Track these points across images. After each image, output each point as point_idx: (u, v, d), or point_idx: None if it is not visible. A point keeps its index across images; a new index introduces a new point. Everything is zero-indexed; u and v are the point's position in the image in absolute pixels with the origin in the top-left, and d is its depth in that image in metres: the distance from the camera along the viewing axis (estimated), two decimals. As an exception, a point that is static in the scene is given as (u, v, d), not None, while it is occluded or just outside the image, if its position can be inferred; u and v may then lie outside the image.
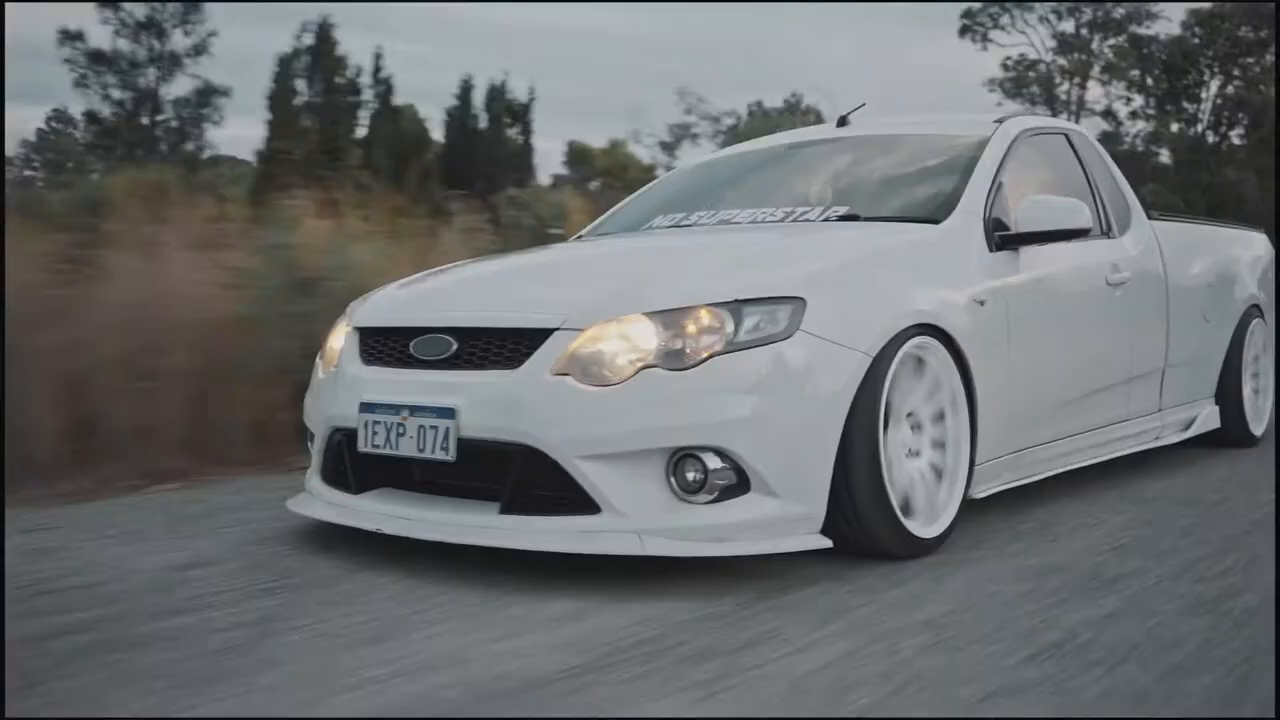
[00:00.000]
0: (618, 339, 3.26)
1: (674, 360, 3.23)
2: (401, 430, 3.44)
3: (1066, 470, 4.52)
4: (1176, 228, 5.42)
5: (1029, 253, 4.25)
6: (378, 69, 35.30)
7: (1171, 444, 5.27)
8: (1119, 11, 40.44)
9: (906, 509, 3.57)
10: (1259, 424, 5.83)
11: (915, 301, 3.63)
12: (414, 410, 3.42)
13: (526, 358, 3.31)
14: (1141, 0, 40.07)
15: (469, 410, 3.32)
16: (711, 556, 3.23)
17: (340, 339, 3.86)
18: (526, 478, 3.27)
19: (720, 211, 4.51)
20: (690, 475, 3.22)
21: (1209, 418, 5.48)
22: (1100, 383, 4.63)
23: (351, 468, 3.64)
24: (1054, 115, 35.88)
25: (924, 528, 3.62)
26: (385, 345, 3.66)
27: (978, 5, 41.27)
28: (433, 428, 3.37)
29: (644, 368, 3.22)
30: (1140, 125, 41.23)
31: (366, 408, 3.54)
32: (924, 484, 3.67)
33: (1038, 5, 40.82)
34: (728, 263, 3.67)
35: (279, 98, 33.12)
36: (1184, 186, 36.64)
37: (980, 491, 3.99)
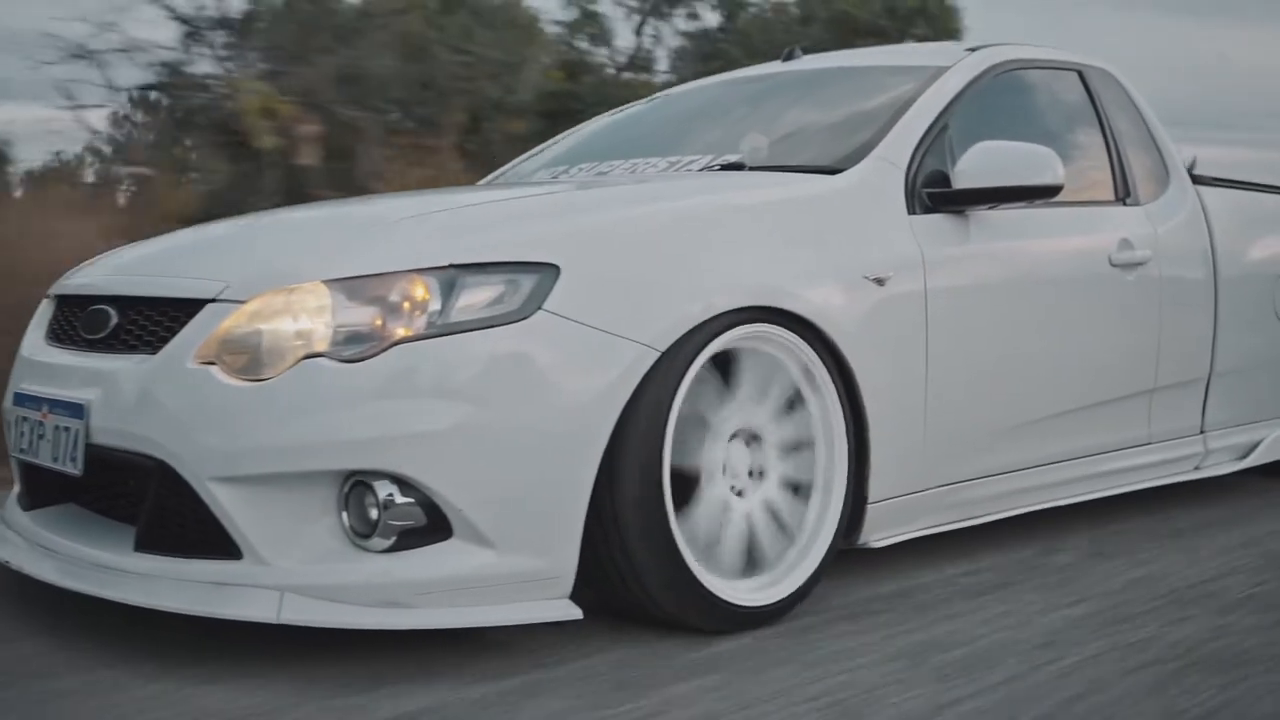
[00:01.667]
0: (284, 315, 2.35)
1: (353, 347, 2.30)
2: (41, 431, 2.61)
3: (1050, 507, 3.42)
4: (1238, 197, 4.16)
5: (983, 219, 3.16)
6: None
7: (1222, 475, 4.06)
8: None
9: (725, 564, 2.57)
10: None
11: (748, 275, 2.61)
12: (53, 406, 2.58)
13: (171, 338, 2.43)
14: None
15: (100, 408, 2.47)
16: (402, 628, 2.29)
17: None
18: (166, 503, 2.39)
19: (605, 163, 3.54)
20: (374, 511, 2.29)
21: (1279, 443, 4.22)
22: (1099, 394, 3.48)
23: (23, 477, 2.83)
24: None
25: (752, 592, 2.61)
26: (67, 318, 2.83)
27: None
28: (65, 429, 2.53)
29: (308, 356, 2.30)
30: None
31: (19, 399, 2.73)
32: (763, 530, 2.65)
33: None
34: (479, 219, 2.69)
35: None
36: None
37: (880, 539, 2.94)
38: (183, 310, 2.44)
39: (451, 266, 2.35)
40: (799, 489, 2.71)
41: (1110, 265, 3.49)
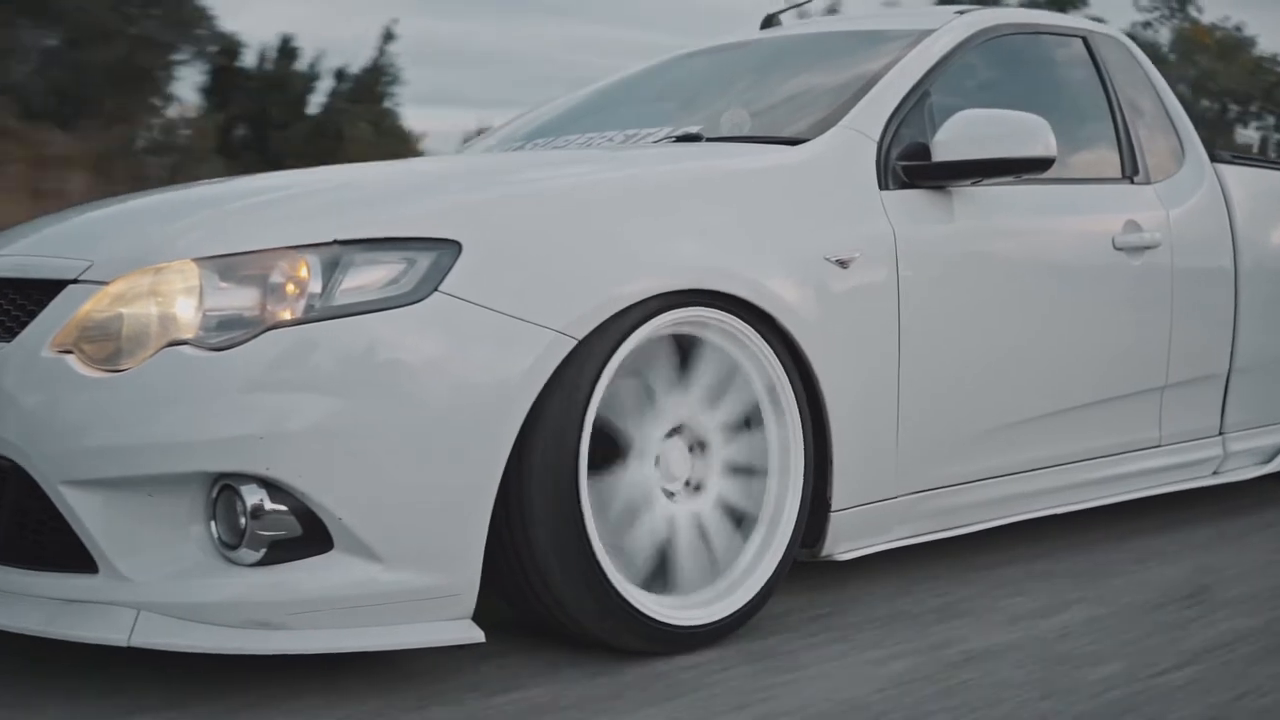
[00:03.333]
0: (148, 298, 2.09)
1: (225, 333, 2.03)
2: (-99, 427, 2.35)
3: (1045, 516, 3.10)
4: (1262, 176, 3.81)
5: (968, 196, 2.86)
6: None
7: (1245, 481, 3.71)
8: None
9: (658, 578, 2.29)
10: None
11: (682, 254, 2.32)
12: None
13: (29, 323, 2.17)
14: None
15: None
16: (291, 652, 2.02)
17: None
18: (24, 509, 2.13)
19: (561, 138, 3.26)
20: (243, 520, 2.02)
21: (1306, 446, 3.86)
22: (1100, 392, 3.15)
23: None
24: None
25: (691, 609, 2.32)
26: None
27: None
28: (-78, 426, 2.28)
29: (171, 344, 2.04)
30: None
31: None
32: (704, 540, 2.36)
33: None
34: (372, 191, 2.41)
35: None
36: None
37: (846, 551, 2.64)
38: (45, 293, 2.18)
39: (336, 243, 2.07)
40: (749, 481, 2.42)
41: (1114, 249, 3.16)
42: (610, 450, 2.23)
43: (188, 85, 16.84)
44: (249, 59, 17.27)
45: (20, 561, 2.13)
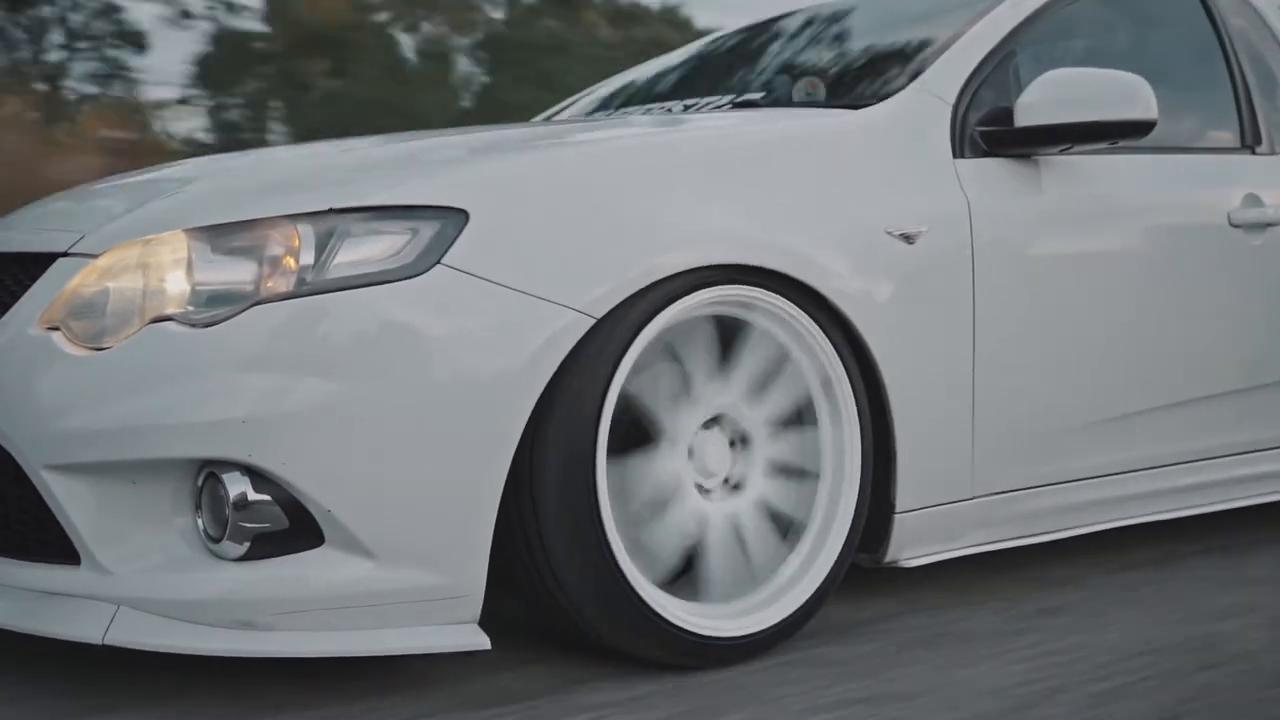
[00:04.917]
0: (136, 270, 1.95)
1: (213, 309, 1.88)
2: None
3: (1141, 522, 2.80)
4: None
5: (1058, 166, 2.58)
6: None
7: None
8: None
9: (686, 582, 2.07)
10: None
11: (719, 225, 2.10)
12: None
13: (19, 299, 2.05)
14: None
15: None
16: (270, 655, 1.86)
17: None
18: (8, 496, 2.00)
19: (619, 111, 3.08)
20: (226, 510, 1.87)
21: None
22: (1213, 385, 2.82)
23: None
24: None
25: (725, 619, 2.09)
26: None
27: None
28: (-90, 409, 2.18)
29: (156, 320, 1.89)
30: None
31: None
32: (742, 546, 2.14)
33: None
34: (373, 161, 2.25)
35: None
36: None
37: (913, 557, 2.39)
38: (40, 267, 2.06)
39: (331, 212, 1.91)
40: (802, 477, 2.19)
41: (1230, 226, 2.84)
42: (638, 434, 2.03)
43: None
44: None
45: (8, 550, 2.01)
